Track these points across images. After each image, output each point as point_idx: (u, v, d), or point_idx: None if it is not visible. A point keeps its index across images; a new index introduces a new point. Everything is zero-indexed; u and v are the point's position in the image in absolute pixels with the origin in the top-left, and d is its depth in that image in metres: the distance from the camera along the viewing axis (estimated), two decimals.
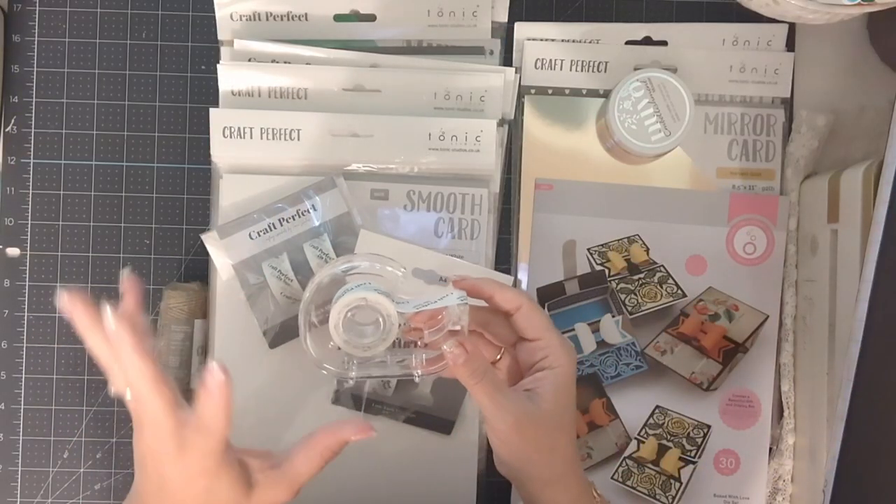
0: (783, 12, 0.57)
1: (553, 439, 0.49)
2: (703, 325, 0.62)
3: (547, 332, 0.50)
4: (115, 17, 0.63)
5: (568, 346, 0.50)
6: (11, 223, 0.62)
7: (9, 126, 0.62)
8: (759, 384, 0.62)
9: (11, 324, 0.62)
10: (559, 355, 0.50)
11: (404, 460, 0.61)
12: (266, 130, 0.59)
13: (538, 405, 0.48)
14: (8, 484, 0.61)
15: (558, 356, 0.49)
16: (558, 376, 0.49)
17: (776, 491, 0.62)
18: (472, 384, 0.48)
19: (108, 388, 0.45)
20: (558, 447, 0.49)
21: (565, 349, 0.50)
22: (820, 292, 0.58)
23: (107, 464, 0.62)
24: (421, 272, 0.60)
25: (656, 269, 0.62)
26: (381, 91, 0.61)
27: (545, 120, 0.62)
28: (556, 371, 0.49)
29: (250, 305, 0.59)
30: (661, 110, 0.59)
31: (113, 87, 0.63)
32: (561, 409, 0.49)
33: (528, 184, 0.62)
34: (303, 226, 0.59)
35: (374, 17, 0.62)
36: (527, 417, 0.48)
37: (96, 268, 0.62)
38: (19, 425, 0.62)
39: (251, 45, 0.61)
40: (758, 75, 0.62)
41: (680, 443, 0.62)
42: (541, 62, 0.62)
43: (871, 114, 0.63)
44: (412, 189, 0.61)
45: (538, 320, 0.50)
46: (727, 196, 0.62)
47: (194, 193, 0.63)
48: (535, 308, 0.50)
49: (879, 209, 0.51)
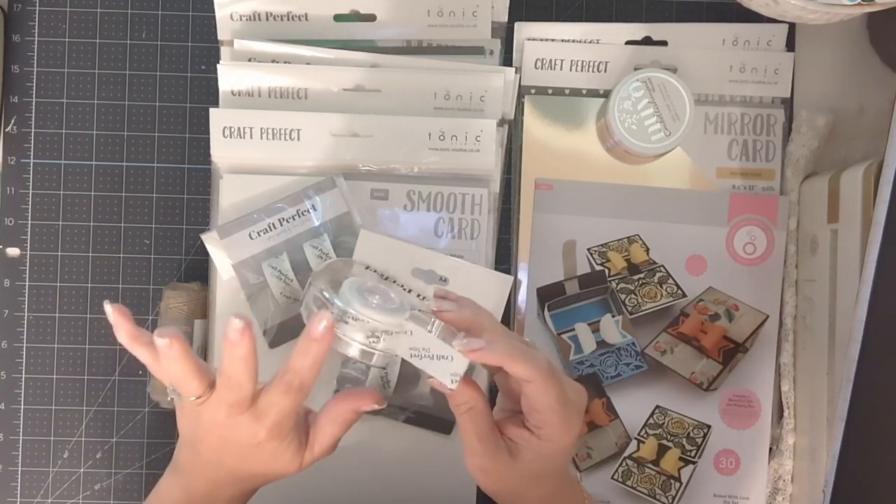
0: (783, 12, 0.57)
1: (524, 488, 0.49)
2: (703, 325, 0.62)
3: (550, 411, 0.46)
4: (115, 17, 0.63)
5: (568, 426, 0.47)
6: (11, 223, 0.62)
7: (9, 126, 0.62)
8: (759, 384, 0.62)
9: (11, 324, 0.62)
10: (557, 434, 0.47)
11: (404, 460, 0.61)
12: (266, 130, 0.59)
13: (516, 460, 0.48)
14: (8, 484, 0.61)
15: (554, 434, 0.47)
16: (547, 448, 0.47)
17: (776, 491, 0.62)
18: (461, 413, 0.47)
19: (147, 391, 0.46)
20: (529, 496, 0.49)
21: (565, 429, 0.47)
22: (820, 292, 0.58)
23: (107, 464, 0.62)
24: (421, 272, 0.60)
25: (656, 269, 0.62)
26: (381, 91, 0.61)
27: (545, 120, 0.63)
28: (546, 444, 0.47)
29: (250, 305, 0.59)
30: (661, 110, 0.59)
31: (113, 87, 0.63)
32: (538, 470, 0.48)
33: (528, 184, 0.62)
34: (303, 226, 0.59)
35: (374, 17, 0.62)
36: (497, 465, 0.47)
37: (96, 268, 0.62)
38: (19, 425, 0.62)
39: (251, 45, 0.61)
40: (758, 75, 0.62)
41: (680, 443, 0.62)
42: (541, 62, 0.62)
43: (871, 114, 0.63)
44: (412, 189, 0.61)
45: (545, 401, 0.46)
46: (727, 196, 0.62)
47: (194, 193, 0.63)
48: (545, 386, 0.45)
49: (879, 209, 0.51)
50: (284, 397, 0.46)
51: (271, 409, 0.46)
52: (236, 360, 0.44)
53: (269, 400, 0.46)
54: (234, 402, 0.45)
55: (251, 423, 0.46)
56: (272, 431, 0.46)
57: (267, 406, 0.46)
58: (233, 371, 0.45)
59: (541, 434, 0.47)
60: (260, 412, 0.46)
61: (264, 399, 0.46)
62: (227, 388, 0.45)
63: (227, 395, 0.45)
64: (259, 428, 0.46)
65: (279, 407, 0.46)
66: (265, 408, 0.46)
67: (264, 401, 0.46)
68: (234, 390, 0.45)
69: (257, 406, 0.46)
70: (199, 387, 0.45)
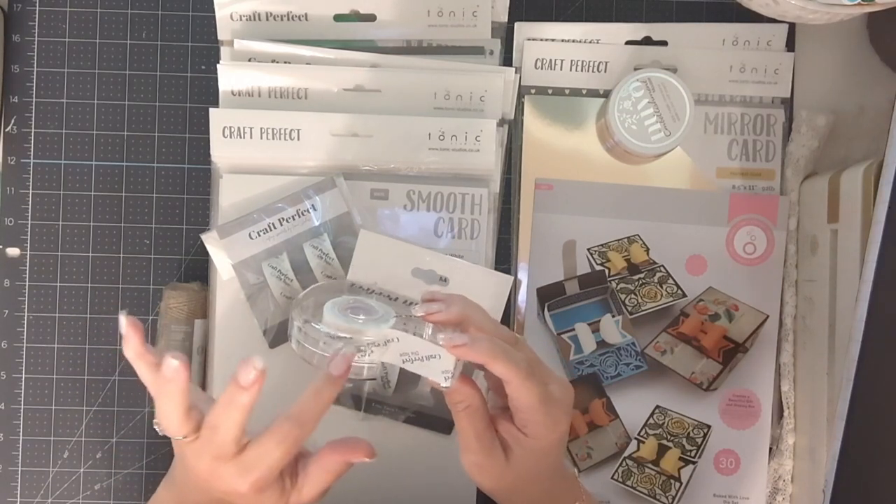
0: (783, 12, 0.57)
1: (519, 484, 0.49)
2: (703, 325, 0.62)
3: (531, 410, 0.46)
4: (115, 17, 0.63)
5: (553, 423, 0.47)
6: (11, 223, 0.62)
7: (9, 126, 0.62)
8: (759, 384, 0.62)
9: (11, 324, 0.62)
10: (542, 432, 0.47)
11: (404, 460, 0.61)
12: (266, 130, 0.59)
13: (509, 457, 0.48)
14: (8, 484, 0.61)
15: (540, 431, 0.47)
16: (534, 445, 0.47)
17: (776, 491, 0.62)
18: (458, 411, 0.47)
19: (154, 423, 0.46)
20: (525, 492, 0.49)
21: (550, 427, 0.47)
22: (820, 292, 0.59)
23: (107, 464, 0.62)
24: (421, 272, 0.60)
25: (656, 269, 0.62)
26: (381, 91, 0.61)
27: (545, 120, 0.63)
28: (534, 441, 0.47)
29: (250, 305, 0.59)
30: (661, 110, 0.59)
31: (113, 87, 0.63)
32: (532, 466, 0.49)
33: (528, 184, 0.62)
34: (303, 226, 0.59)
35: (374, 17, 0.62)
36: (492, 462, 0.48)
37: (96, 268, 0.62)
38: (19, 425, 0.62)
39: (251, 45, 0.61)
40: (758, 75, 0.62)
41: (680, 443, 0.62)
42: (541, 62, 0.62)
43: (871, 114, 0.63)
44: (412, 189, 0.61)
45: (525, 400, 0.46)
46: (727, 196, 0.62)
47: (194, 193, 0.63)
48: (524, 387, 0.46)
49: (879, 209, 0.51)
50: (275, 450, 0.44)
51: (260, 461, 0.44)
52: (232, 407, 0.43)
53: (256, 452, 0.44)
54: (217, 454, 0.44)
55: (234, 475, 0.44)
56: (255, 485, 0.45)
57: (256, 458, 0.44)
58: (220, 421, 0.43)
59: (527, 431, 0.47)
60: (246, 465, 0.44)
61: (254, 450, 0.44)
62: (210, 440, 0.44)
63: (210, 447, 0.44)
64: (241, 482, 0.44)
65: (269, 460, 0.44)
66: (253, 461, 0.44)
67: (254, 452, 0.44)
68: (218, 444, 0.44)
69: (244, 457, 0.44)
70: (184, 428, 0.44)
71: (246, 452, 0.45)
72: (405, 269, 0.59)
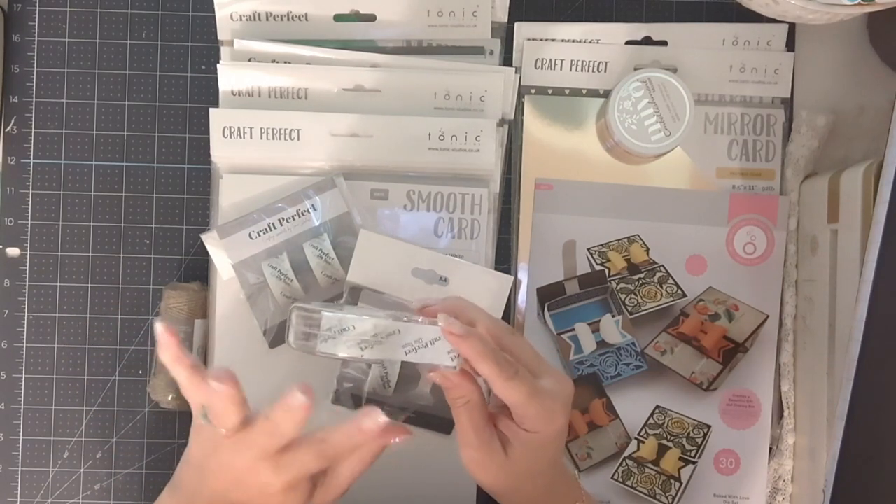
0: (783, 12, 0.57)
1: (518, 481, 0.49)
2: (703, 325, 0.62)
3: (522, 407, 0.47)
4: (115, 17, 0.63)
5: (550, 416, 0.47)
6: (11, 223, 0.62)
7: (9, 126, 0.62)
8: (759, 384, 0.62)
9: (11, 324, 0.62)
10: (539, 425, 0.48)
11: (404, 460, 0.61)
12: (266, 130, 0.59)
13: (508, 453, 0.49)
14: (8, 484, 0.61)
15: (537, 425, 0.48)
16: (533, 439, 0.48)
17: (776, 491, 0.62)
18: (457, 406, 0.48)
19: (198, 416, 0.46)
20: (524, 489, 0.50)
21: (547, 420, 0.47)
22: (820, 292, 0.58)
23: (107, 464, 0.62)
24: (421, 272, 0.60)
25: (656, 269, 0.62)
26: (381, 91, 0.61)
27: (545, 120, 0.63)
28: (532, 436, 0.48)
29: (250, 305, 0.59)
30: (661, 110, 0.59)
31: (113, 87, 0.63)
32: (531, 462, 0.49)
33: (528, 184, 0.62)
34: (303, 226, 0.59)
35: (374, 17, 0.62)
36: (491, 458, 0.48)
37: (96, 268, 0.62)
38: (19, 425, 0.62)
39: (251, 45, 0.61)
40: (758, 75, 0.62)
41: (680, 443, 0.62)
42: (541, 62, 0.62)
43: (871, 114, 0.63)
44: (412, 189, 0.61)
45: (512, 398, 0.47)
46: (727, 196, 0.62)
47: (194, 193, 0.63)
48: (507, 387, 0.46)
49: (879, 209, 0.51)
50: (314, 461, 0.46)
51: (294, 466, 0.46)
52: (292, 417, 0.45)
53: (296, 457, 0.46)
54: (266, 449, 0.45)
55: (269, 472, 0.46)
56: (287, 485, 0.46)
57: (291, 461, 0.46)
58: (282, 423, 0.45)
59: (525, 426, 0.48)
60: (282, 465, 0.46)
61: (291, 455, 0.46)
62: (268, 433, 0.45)
63: (264, 439, 0.45)
64: (275, 480, 0.46)
65: (304, 468, 0.46)
66: (289, 463, 0.46)
67: (291, 457, 0.46)
68: (275, 438, 0.45)
69: (281, 458, 0.46)
70: (237, 421, 0.45)
71: (285, 454, 0.46)
72: (405, 269, 0.59)
